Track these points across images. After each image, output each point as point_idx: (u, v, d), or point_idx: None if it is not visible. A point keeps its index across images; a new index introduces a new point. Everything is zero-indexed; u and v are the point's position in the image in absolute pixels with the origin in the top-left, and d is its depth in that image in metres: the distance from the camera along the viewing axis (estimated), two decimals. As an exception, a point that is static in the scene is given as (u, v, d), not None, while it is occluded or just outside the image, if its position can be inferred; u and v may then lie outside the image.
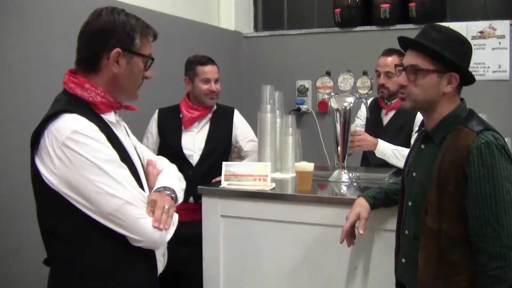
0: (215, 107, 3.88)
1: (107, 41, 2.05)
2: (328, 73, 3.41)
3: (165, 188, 2.18)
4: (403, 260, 2.40)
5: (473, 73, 4.55)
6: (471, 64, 4.51)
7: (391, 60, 3.79)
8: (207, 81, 3.75)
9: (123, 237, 2.00)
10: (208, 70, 3.79)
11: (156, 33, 2.21)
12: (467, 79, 2.27)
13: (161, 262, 2.28)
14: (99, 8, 2.11)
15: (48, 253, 2.09)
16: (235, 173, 3.22)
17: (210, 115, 3.85)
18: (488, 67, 4.81)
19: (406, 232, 2.38)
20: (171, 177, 2.32)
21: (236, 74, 5.56)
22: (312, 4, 5.78)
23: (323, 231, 2.93)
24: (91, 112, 2.04)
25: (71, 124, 1.93)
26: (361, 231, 2.57)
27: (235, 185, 3.18)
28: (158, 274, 2.26)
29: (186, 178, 2.47)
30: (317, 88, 3.43)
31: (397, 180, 2.78)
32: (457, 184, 2.12)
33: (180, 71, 3.88)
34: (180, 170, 2.48)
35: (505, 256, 2.05)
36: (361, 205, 2.64)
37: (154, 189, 2.20)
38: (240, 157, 4.08)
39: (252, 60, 5.68)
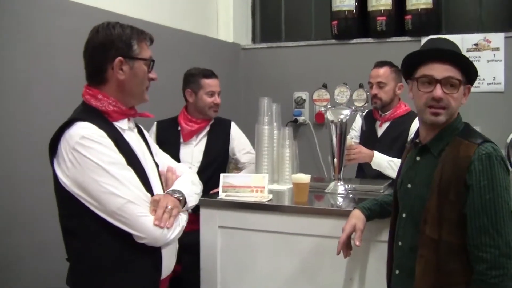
0: (213, 120, 3.92)
1: (108, 53, 2.25)
2: (324, 86, 3.45)
3: (174, 191, 2.37)
4: (397, 272, 2.42)
5: (468, 85, 4.63)
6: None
7: (383, 71, 3.86)
8: (212, 94, 3.83)
9: (129, 235, 2.18)
10: (213, 83, 3.86)
11: (152, 37, 2.41)
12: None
13: (172, 263, 2.46)
14: (96, 25, 2.30)
15: (66, 249, 2.28)
16: (232, 185, 3.25)
17: (207, 128, 3.90)
18: (483, 79, 4.86)
19: (400, 243, 2.40)
20: (184, 182, 2.50)
21: (234, 86, 5.59)
22: (310, 16, 5.82)
23: (320, 242, 2.96)
24: (103, 120, 2.26)
25: (80, 131, 2.15)
26: (357, 243, 2.59)
27: (233, 196, 3.21)
28: (169, 274, 2.45)
29: None
30: (314, 101, 3.47)
31: (392, 192, 2.81)
32: (458, 193, 2.16)
33: (179, 82, 3.91)
34: None
35: (504, 264, 2.09)
36: (357, 217, 2.67)
37: (164, 192, 2.40)
38: (238, 168, 4.11)
39: (250, 71, 5.71)
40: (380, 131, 4.00)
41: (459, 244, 2.18)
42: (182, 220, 2.34)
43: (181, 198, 2.35)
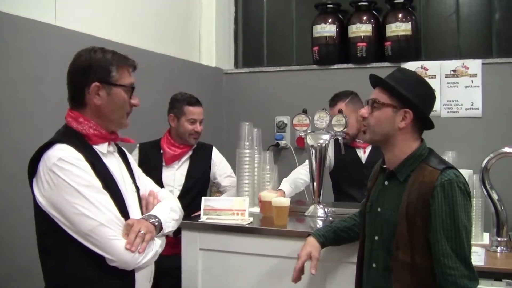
0: (195, 145, 3.97)
1: (86, 77, 2.28)
2: (304, 111, 3.50)
3: (150, 216, 2.37)
4: None
5: (447, 110, 4.75)
6: (445, 101, 4.72)
7: (338, 107, 3.89)
8: (193, 122, 3.87)
9: (102, 256, 2.18)
10: (196, 111, 3.90)
11: (135, 64, 2.42)
12: (425, 120, 2.41)
13: (146, 287, 2.43)
14: (81, 50, 2.34)
15: (41, 267, 2.28)
16: (214, 208, 3.29)
17: (190, 152, 3.95)
18: (461, 105, 4.93)
19: (374, 265, 2.44)
20: (163, 207, 2.49)
21: (217, 109, 5.63)
22: (291, 42, 5.88)
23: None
24: (83, 143, 2.28)
25: (58, 153, 2.17)
26: (312, 271, 2.65)
27: (214, 219, 3.24)
28: None
29: None
30: (294, 125, 3.51)
31: (346, 218, 2.87)
32: (424, 218, 2.24)
33: (162, 106, 3.95)
34: None
35: (465, 285, 2.18)
36: (312, 245, 2.72)
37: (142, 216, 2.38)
38: (220, 192, 4.15)
39: (232, 95, 5.75)
40: (364, 157, 4.06)
41: (432, 266, 2.24)
42: (156, 245, 2.32)
43: (156, 223, 2.34)
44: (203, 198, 3.32)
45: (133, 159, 2.67)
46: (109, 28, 3.99)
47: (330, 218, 3.31)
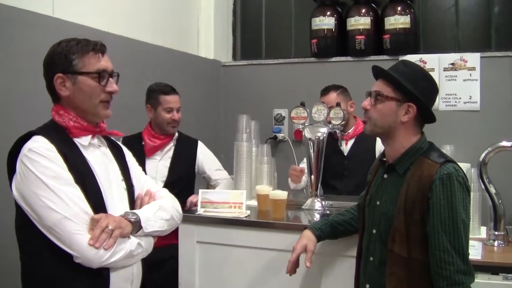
0: (177, 135, 3.98)
1: (50, 70, 2.24)
2: (302, 104, 3.49)
3: (127, 213, 2.24)
4: (367, 286, 2.46)
5: (445, 103, 4.74)
6: (443, 95, 4.72)
7: (329, 97, 4.03)
8: (169, 110, 3.86)
9: (70, 254, 2.06)
10: (171, 100, 3.89)
11: (100, 47, 2.27)
12: (427, 114, 2.41)
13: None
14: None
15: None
16: (211, 200, 3.28)
17: (173, 144, 3.96)
18: (460, 98, 4.93)
19: (371, 258, 2.44)
20: (150, 206, 2.37)
21: (214, 102, 5.63)
22: (290, 34, 5.87)
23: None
24: (62, 136, 2.21)
25: (29, 144, 2.11)
26: (307, 264, 2.63)
27: (211, 212, 3.24)
28: None
29: None
30: (292, 118, 3.51)
31: (344, 211, 2.86)
32: (422, 212, 2.23)
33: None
34: None
35: (461, 280, 2.17)
36: (308, 238, 2.71)
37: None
38: (212, 185, 4.15)
39: (230, 88, 5.74)
40: (346, 149, 4.12)
41: (428, 261, 2.24)
42: (131, 244, 2.17)
43: (133, 220, 2.20)
44: (200, 190, 3.31)
45: (132, 156, 2.58)
46: (107, 20, 3.97)
47: (328, 212, 3.31)
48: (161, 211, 2.36)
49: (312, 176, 3.41)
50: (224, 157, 4.74)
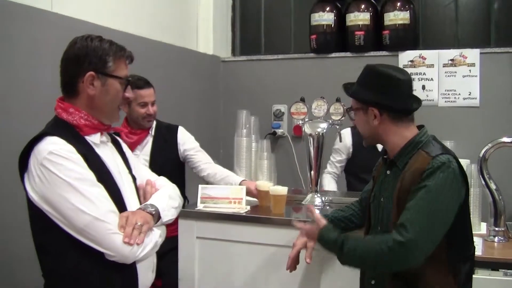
0: (154, 126, 3.83)
1: (81, 66, 2.19)
2: (302, 99, 3.49)
3: (146, 205, 2.30)
4: (372, 282, 2.45)
5: (445, 99, 4.74)
6: (442, 91, 4.72)
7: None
8: (144, 105, 3.68)
9: (99, 251, 2.10)
10: (145, 94, 3.70)
11: (132, 56, 2.34)
12: (394, 110, 2.38)
13: (149, 278, 2.37)
14: (76, 37, 2.25)
15: (40, 265, 2.21)
16: (211, 196, 3.28)
17: (150, 135, 3.82)
18: (459, 94, 4.93)
19: None
20: (161, 196, 2.42)
21: (214, 98, 5.62)
22: (289, 30, 5.86)
23: (296, 253, 2.99)
24: (74, 134, 2.20)
25: (48, 146, 2.09)
26: (307, 260, 2.63)
27: (211, 207, 3.23)
28: None
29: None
30: (292, 114, 3.50)
31: (344, 207, 2.86)
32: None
33: (159, 94, 3.91)
34: None
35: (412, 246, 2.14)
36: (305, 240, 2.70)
37: (140, 206, 2.31)
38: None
39: (230, 84, 5.74)
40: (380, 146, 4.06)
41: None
42: (155, 235, 2.26)
43: (154, 212, 2.28)
44: (200, 186, 3.31)
45: (127, 147, 2.60)
46: (106, 15, 3.96)
47: (328, 207, 3.30)
48: (171, 200, 2.44)
49: (312, 172, 3.40)
50: (224, 153, 4.74)
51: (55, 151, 2.08)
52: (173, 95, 4.58)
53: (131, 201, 2.32)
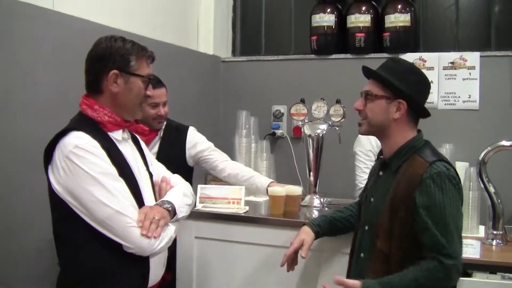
0: (164, 126, 3.67)
1: (105, 64, 2.33)
2: (302, 101, 3.50)
3: (163, 201, 2.43)
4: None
5: (444, 102, 4.74)
6: (442, 94, 4.71)
7: None
8: (155, 105, 3.51)
9: (118, 243, 2.24)
10: (157, 94, 3.51)
11: (153, 55, 2.49)
12: (419, 109, 2.42)
13: (159, 273, 2.50)
14: (101, 37, 2.40)
15: (57, 254, 2.35)
16: (209, 196, 3.28)
17: (158, 137, 3.66)
18: (459, 97, 4.92)
19: (362, 255, 2.47)
20: (176, 193, 2.55)
21: (214, 98, 5.61)
22: (289, 31, 5.86)
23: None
24: (98, 130, 2.33)
25: (74, 140, 2.22)
26: (303, 254, 2.66)
27: (210, 207, 3.24)
28: (157, 283, 2.49)
29: None
30: (292, 115, 3.51)
31: (343, 208, 2.87)
32: (408, 210, 2.25)
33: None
34: None
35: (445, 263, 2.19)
36: (306, 233, 2.73)
37: (157, 202, 2.46)
38: (215, 179, 4.11)
39: (230, 84, 5.73)
40: None
41: (406, 257, 2.26)
42: (171, 230, 2.39)
43: (170, 209, 2.40)
44: (199, 186, 3.31)
45: (145, 145, 2.70)
46: (107, 14, 3.96)
47: (326, 209, 3.31)
48: (185, 197, 2.58)
49: (311, 173, 3.41)
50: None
51: (80, 145, 2.21)
52: (173, 94, 4.56)
53: (148, 197, 2.45)
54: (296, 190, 3.23)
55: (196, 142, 3.69)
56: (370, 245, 2.40)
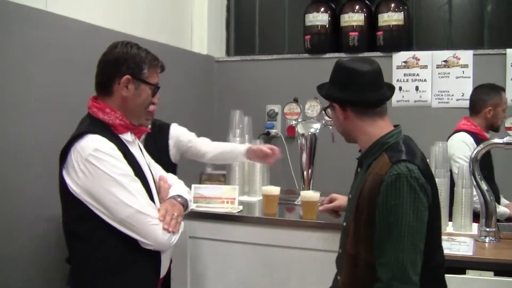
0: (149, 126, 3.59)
1: (119, 68, 2.42)
2: (295, 100, 3.51)
3: (178, 196, 2.61)
4: (338, 278, 2.43)
5: (438, 100, 4.73)
6: (436, 92, 4.73)
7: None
8: None
9: (133, 240, 2.35)
10: None
11: (164, 65, 2.59)
12: (354, 103, 2.32)
13: (167, 266, 2.62)
14: (116, 41, 2.49)
15: (69, 252, 2.43)
16: (203, 195, 3.29)
17: (142, 137, 3.41)
18: (452, 95, 4.94)
19: (340, 251, 2.45)
20: (182, 188, 2.75)
21: (208, 98, 5.62)
22: (283, 30, 5.87)
23: (288, 253, 3.00)
24: (110, 133, 2.42)
25: (93, 144, 2.31)
26: (320, 208, 2.86)
27: (204, 207, 3.25)
28: (162, 275, 2.58)
29: None
30: (285, 114, 3.53)
31: None
32: (370, 212, 2.15)
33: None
34: None
35: (393, 287, 2.05)
36: (342, 205, 2.80)
37: (169, 196, 2.62)
38: (210, 179, 4.11)
39: (224, 84, 5.73)
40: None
41: (374, 260, 2.14)
42: (182, 225, 2.54)
43: (184, 203, 2.60)
44: (193, 186, 3.31)
45: (141, 145, 2.76)
46: (100, 14, 3.96)
47: (320, 207, 3.31)
48: (188, 193, 2.75)
49: (304, 172, 3.42)
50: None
51: (100, 148, 2.30)
52: (167, 94, 4.55)
53: (155, 196, 2.56)
54: (274, 190, 3.22)
55: (178, 136, 3.66)
56: (344, 243, 2.35)
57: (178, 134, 3.69)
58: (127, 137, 2.50)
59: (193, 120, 3.88)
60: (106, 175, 2.28)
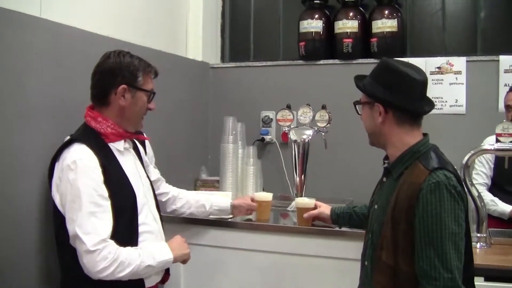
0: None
1: (114, 79, 2.48)
2: (288, 106, 3.52)
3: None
4: None
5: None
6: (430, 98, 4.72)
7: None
8: None
9: (121, 244, 2.39)
10: None
11: (157, 71, 2.64)
12: (402, 109, 2.28)
13: (157, 277, 2.66)
14: (108, 51, 2.54)
15: (58, 259, 2.50)
16: (197, 201, 3.29)
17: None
18: (446, 102, 4.96)
19: (366, 263, 2.40)
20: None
21: (203, 104, 5.62)
22: (278, 37, 5.88)
23: (280, 259, 3.02)
24: (99, 142, 2.47)
25: (74, 155, 2.37)
26: (305, 215, 2.94)
27: (197, 213, 3.25)
28: (156, 284, 2.65)
29: None
30: (278, 121, 3.54)
31: (363, 205, 2.89)
32: (409, 222, 2.13)
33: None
34: None
35: None
36: (325, 212, 2.95)
37: None
38: (205, 185, 4.13)
39: (219, 90, 5.73)
40: None
41: (415, 273, 2.13)
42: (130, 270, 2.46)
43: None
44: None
45: (142, 149, 2.83)
46: (95, 21, 3.96)
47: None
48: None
49: (297, 178, 3.43)
50: (212, 159, 4.75)
51: (78, 161, 2.36)
52: (162, 101, 4.57)
53: (151, 206, 2.64)
54: (267, 196, 3.23)
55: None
56: (373, 254, 2.32)
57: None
58: (118, 146, 2.53)
59: (187, 127, 3.89)
60: (73, 189, 2.33)
